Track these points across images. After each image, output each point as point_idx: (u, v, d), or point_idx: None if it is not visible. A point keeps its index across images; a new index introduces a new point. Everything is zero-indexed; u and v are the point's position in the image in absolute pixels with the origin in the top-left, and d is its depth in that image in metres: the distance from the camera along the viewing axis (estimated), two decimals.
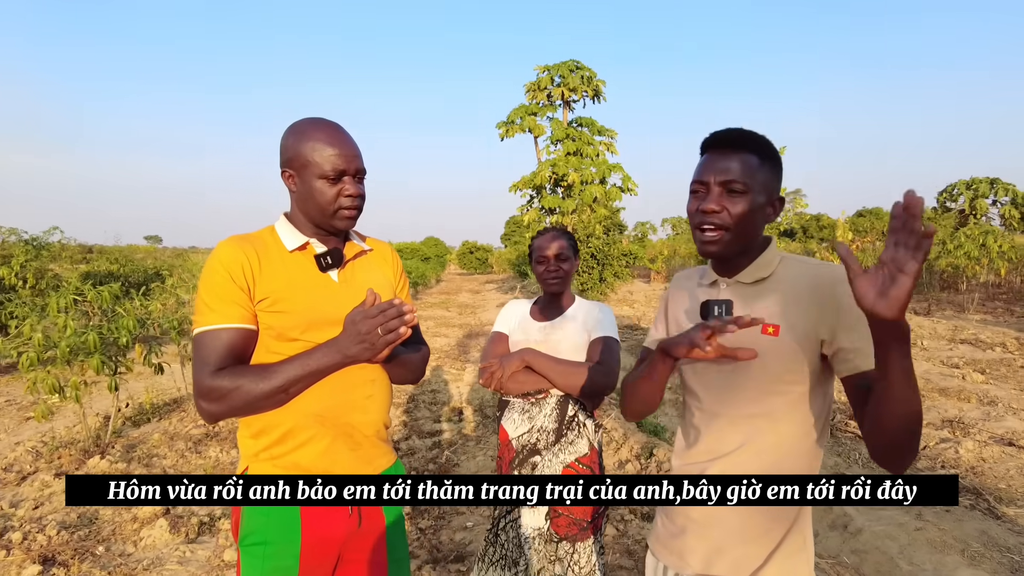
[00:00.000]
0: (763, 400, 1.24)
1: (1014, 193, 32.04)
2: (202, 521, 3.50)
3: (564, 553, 2.01)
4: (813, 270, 1.24)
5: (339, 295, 1.47)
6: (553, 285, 2.13)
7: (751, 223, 1.23)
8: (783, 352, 1.21)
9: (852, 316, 1.16)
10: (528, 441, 2.07)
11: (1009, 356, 8.23)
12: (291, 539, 1.39)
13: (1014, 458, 4.46)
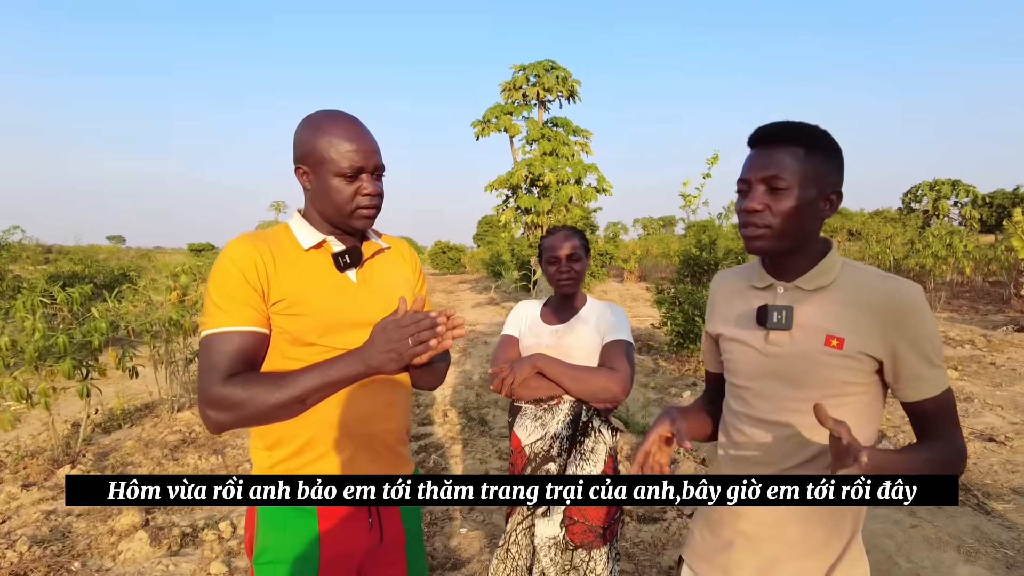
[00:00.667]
0: None
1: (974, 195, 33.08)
2: (184, 532, 3.36)
3: (580, 561, 1.95)
4: (883, 284, 1.16)
5: (358, 296, 1.38)
6: (565, 286, 2.05)
7: (799, 220, 1.16)
8: (846, 365, 1.16)
9: (914, 344, 1.13)
10: (542, 448, 2.00)
11: (979, 353, 8.42)
12: (309, 556, 1.30)
13: (996, 453, 4.53)
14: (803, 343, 1.19)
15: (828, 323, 1.17)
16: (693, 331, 7.42)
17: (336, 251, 1.38)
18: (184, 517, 3.61)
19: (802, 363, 1.19)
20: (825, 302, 1.19)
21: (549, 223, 18.97)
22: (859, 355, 1.14)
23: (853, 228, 28.60)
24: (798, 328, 1.20)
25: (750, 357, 1.28)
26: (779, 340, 1.22)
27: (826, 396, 1.17)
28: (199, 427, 5.31)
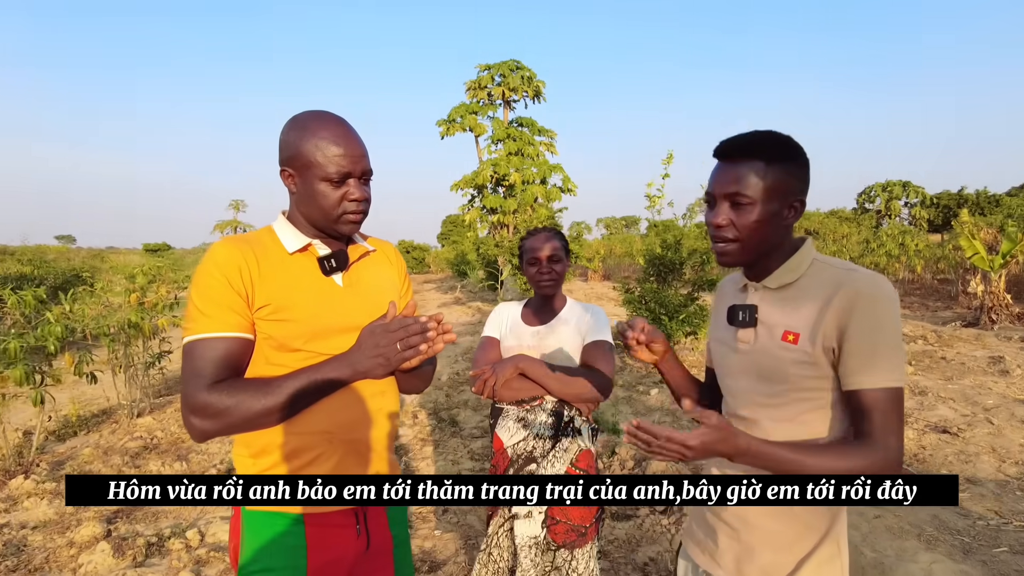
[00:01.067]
0: (789, 406, 1.21)
1: (923, 195, 34.31)
2: (150, 542, 3.25)
3: (562, 561, 1.95)
4: (840, 276, 1.17)
5: (344, 301, 1.35)
6: (546, 287, 2.06)
7: (763, 232, 1.19)
8: (803, 360, 1.17)
9: (856, 329, 1.12)
10: (524, 449, 2.00)
11: (931, 348, 8.74)
12: (296, 564, 1.28)
13: (950, 444, 4.71)
14: (765, 339, 1.23)
15: (787, 319, 1.21)
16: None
17: (322, 255, 1.35)
18: (148, 526, 3.50)
19: (765, 359, 1.23)
20: (788, 299, 1.23)
21: (515, 223, 18.99)
22: (814, 348, 1.16)
23: (811, 228, 29.39)
24: (761, 325, 1.25)
25: (726, 354, 1.34)
26: (746, 337, 1.27)
27: (787, 391, 1.20)
28: (161, 432, 5.16)
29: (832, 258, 1.25)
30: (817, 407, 1.19)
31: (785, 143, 1.19)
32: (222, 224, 42.75)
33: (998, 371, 7.23)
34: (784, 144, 1.19)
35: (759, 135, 1.19)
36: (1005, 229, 11.17)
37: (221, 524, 3.44)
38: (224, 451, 4.75)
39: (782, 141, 1.19)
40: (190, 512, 3.67)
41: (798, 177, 1.20)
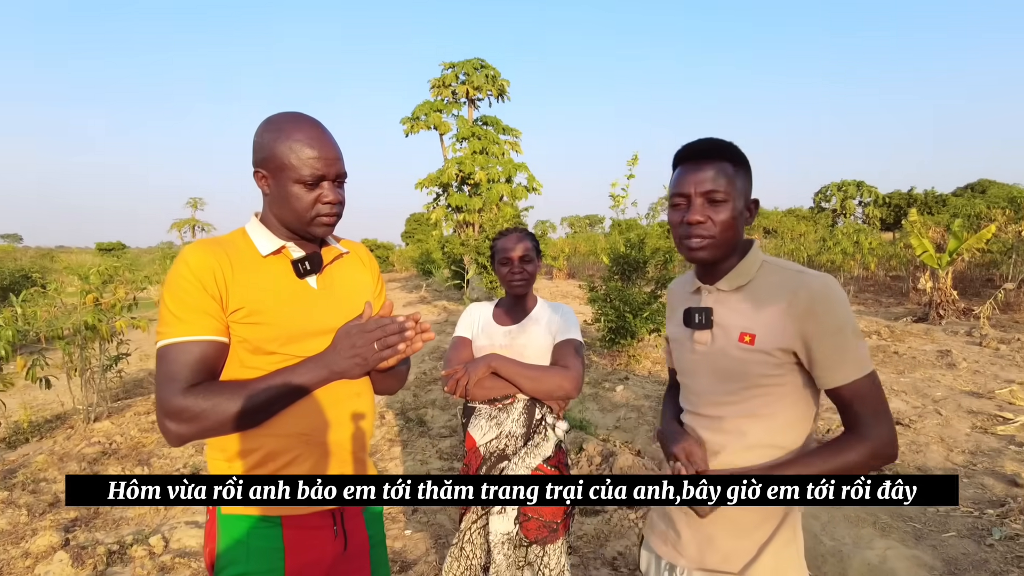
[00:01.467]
0: (748, 401, 1.28)
1: (876, 195, 35.42)
2: (111, 550, 3.17)
3: (534, 557, 1.99)
4: (793, 280, 1.24)
5: (319, 303, 1.35)
6: (518, 287, 2.08)
7: (734, 229, 1.27)
8: (760, 360, 1.24)
9: (821, 332, 1.19)
10: (496, 447, 2.02)
11: (884, 343, 9.06)
12: (274, 567, 1.27)
13: (903, 435, 4.90)
14: (721, 341, 1.29)
15: (742, 321, 1.27)
16: (624, 327, 7.63)
17: (296, 257, 1.35)
18: (109, 533, 3.42)
19: (721, 359, 1.29)
20: (742, 301, 1.29)
21: (480, 222, 18.99)
22: (771, 349, 1.22)
23: (769, 226, 30.09)
24: (717, 327, 1.31)
25: (684, 354, 1.40)
26: (702, 339, 1.33)
27: (747, 388, 1.27)
28: (120, 437, 5.03)
29: (780, 260, 1.33)
30: (776, 399, 1.26)
31: (739, 150, 1.29)
32: (180, 222, 41.77)
33: (946, 364, 7.53)
34: (739, 151, 1.29)
35: (721, 141, 1.29)
36: (951, 228, 11.63)
37: (186, 529, 3.38)
38: (188, 455, 4.66)
39: (737, 147, 1.29)
40: (153, 517, 3.59)
41: (750, 180, 1.30)
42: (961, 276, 14.73)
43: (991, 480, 4.01)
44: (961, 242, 11.21)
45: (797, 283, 1.22)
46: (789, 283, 1.23)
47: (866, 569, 2.98)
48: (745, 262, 1.31)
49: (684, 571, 1.36)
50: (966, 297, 12.93)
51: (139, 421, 5.52)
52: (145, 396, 6.52)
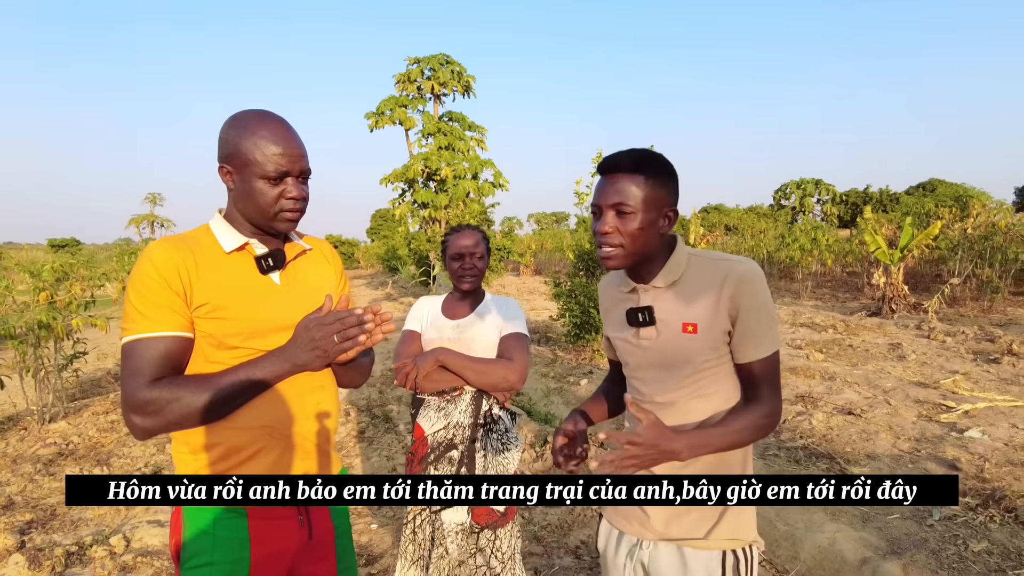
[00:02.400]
0: (694, 384, 1.38)
1: (833, 193, 36.41)
2: (69, 552, 3.13)
3: (486, 542, 2.06)
4: (719, 267, 1.35)
5: (282, 299, 1.38)
6: (468, 283, 2.14)
7: (644, 238, 1.34)
8: (704, 345, 1.34)
9: (746, 312, 1.31)
10: (444, 437, 2.08)
11: (839, 336, 9.37)
12: (240, 557, 1.30)
13: (854, 424, 5.10)
14: (666, 334, 1.38)
15: (683, 313, 1.37)
16: (589, 322, 7.74)
17: (259, 254, 1.37)
18: (67, 535, 3.37)
19: (669, 351, 1.39)
20: (678, 295, 1.39)
21: (447, 218, 18.96)
22: (712, 332, 1.33)
23: (730, 223, 30.72)
24: (660, 322, 1.39)
25: (631, 351, 1.47)
26: (648, 335, 1.42)
27: (695, 372, 1.37)
28: (77, 438, 4.93)
29: (704, 251, 1.43)
30: (715, 378, 1.37)
31: (660, 160, 1.36)
32: (138, 218, 40.62)
33: (896, 356, 7.84)
34: (659, 161, 1.36)
35: (637, 152, 1.34)
36: (902, 226, 12.07)
37: (148, 528, 3.35)
38: (148, 454, 4.59)
39: (657, 159, 1.36)
40: (113, 517, 3.54)
41: (671, 190, 1.36)
42: (912, 272, 15.28)
43: (933, 465, 4.21)
44: (911, 239, 11.63)
45: (725, 269, 1.34)
46: (718, 270, 1.35)
47: (817, 551, 3.12)
48: (673, 259, 1.40)
49: (650, 544, 1.44)
50: (917, 292, 13.42)
51: (97, 421, 5.41)
52: (103, 396, 6.38)
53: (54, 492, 3.91)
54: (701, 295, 1.35)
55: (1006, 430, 4.86)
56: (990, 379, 6.58)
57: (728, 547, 1.37)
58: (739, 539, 1.38)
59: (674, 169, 1.38)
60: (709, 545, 1.37)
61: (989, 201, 15.08)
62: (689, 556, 1.38)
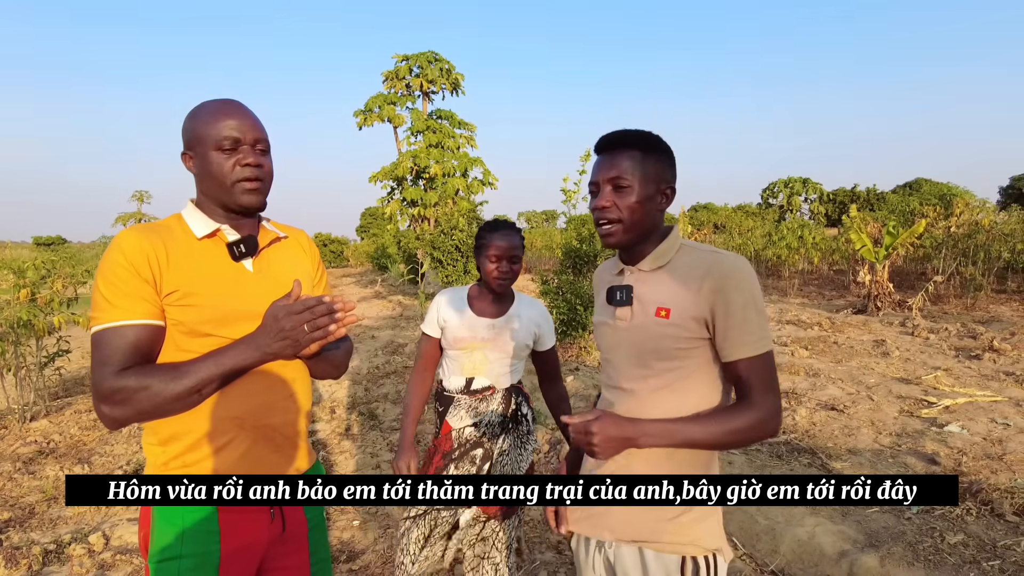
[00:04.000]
0: (662, 375, 1.35)
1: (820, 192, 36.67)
2: (47, 550, 3.10)
3: (490, 532, 2.09)
4: (708, 258, 1.33)
5: (254, 286, 1.38)
6: (502, 285, 2.09)
7: (641, 213, 1.34)
8: (675, 333, 1.32)
9: (728, 307, 1.27)
10: (473, 435, 2.09)
11: (825, 334, 9.43)
12: (209, 550, 1.30)
13: (837, 420, 5.15)
14: (640, 316, 1.38)
15: (660, 297, 1.35)
16: (576, 319, 7.76)
17: (231, 240, 1.37)
18: (45, 533, 3.34)
19: (640, 333, 1.37)
20: (660, 280, 1.38)
21: (436, 216, 18.91)
22: (685, 320, 1.31)
23: (719, 222, 30.84)
24: (637, 303, 1.39)
25: (605, 332, 1.48)
26: (623, 315, 1.41)
27: (661, 361, 1.34)
28: (59, 436, 4.88)
29: (697, 243, 1.41)
30: (687, 374, 1.34)
31: (655, 138, 1.37)
32: (125, 216, 40.23)
33: (880, 353, 7.90)
34: (656, 138, 1.37)
35: (633, 131, 1.36)
36: (887, 224, 12.16)
37: (128, 526, 3.33)
38: (131, 451, 4.56)
39: (652, 136, 1.37)
40: (93, 515, 3.52)
41: (667, 167, 1.37)
42: (897, 270, 15.40)
43: (913, 459, 4.25)
44: (896, 238, 11.73)
45: (711, 261, 1.32)
46: (703, 261, 1.33)
47: (796, 544, 3.14)
48: (664, 244, 1.40)
49: (611, 545, 1.42)
50: (901, 290, 13.53)
51: (80, 419, 5.37)
52: (86, 394, 6.33)
53: (33, 491, 3.88)
54: (682, 283, 1.34)
55: (984, 424, 4.92)
56: (971, 375, 6.65)
57: (688, 552, 1.34)
58: (700, 545, 1.35)
59: (670, 148, 1.38)
60: (665, 548, 1.35)
61: (973, 200, 15.23)
62: (649, 559, 1.36)
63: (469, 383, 2.12)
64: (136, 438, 4.82)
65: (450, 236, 15.00)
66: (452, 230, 15.12)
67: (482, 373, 2.12)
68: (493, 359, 2.12)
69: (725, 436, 1.27)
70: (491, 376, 2.12)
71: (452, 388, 2.15)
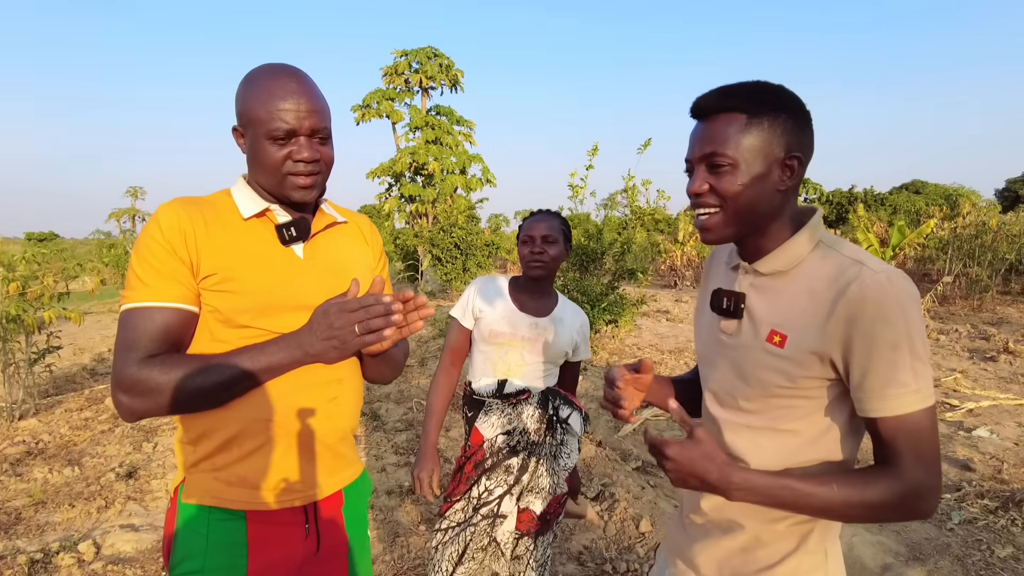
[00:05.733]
0: (769, 412, 1.06)
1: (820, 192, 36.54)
2: (33, 559, 2.89)
3: (524, 550, 1.92)
4: (849, 270, 0.98)
5: (303, 274, 1.21)
6: (536, 268, 1.89)
7: (750, 197, 1.02)
8: (785, 368, 1.02)
9: (869, 345, 0.94)
10: (506, 443, 1.91)
11: None
12: (235, 564, 1.14)
13: None
14: (748, 336, 1.07)
15: (775, 316, 1.04)
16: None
17: (280, 222, 1.20)
18: (32, 541, 3.13)
19: (744, 357, 1.08)
20: (780, 290, 1.05)
21: (434, 213, 18.73)
22: (802, 355, 0.99)
23: None
24: (747, 319, 1.09)
25: (706, 342, 1.20)
26: (729, 328, 1.12)
27: (771, 397, 1.05)
28: (48, 436, 4.66)
29: (842, 240, 1.06)
30: (801, 415, 1.04)
31: (772, 91, 1.03)
32: (119, 212, 39.88)
33: None
34: (770, 93, 1.02)
35: (738, 85, 1.04)
36: (894, 224, 12.03)
37: (121, 534, 3.12)
38: (124, 452, 4.34)
39: (767, 89, 1.03)
40: (83, 521, 3.31)
41: (789, 129, 1.01)
42: (903, 270, 15.28)
43: (946, 466, 4.08)
44: (904, 237, 11.60)
45: (852, 275, 0.96)
46: (842, 274, 0.98)
47: None
48: (793, 241, 1.04)
49: None
50: None
51: (70, 418, 5.15)
52: (78, 392, 6.10)
53: (20, 494, 3.65)
54: (808, 300, 1.00)
55: (1013, 429, 4.77)
56: (989, 377, 6.50)
57: None
58: None
59: (793, 100, 1.03)
60: None
61: (979, 200, 15.14)
62: None
63: (502, 385, 1.93)
64: (129, 438, 4.61)
65: (449, 233, 14.84)
66: (451, 227, 14.96)
67: (517, 375, 1.92)
68: (530, 361, 1.93)
69: (849, 509, 0.96)
70: (527, 379, 1.93)
71: (483, 391, 1.94)
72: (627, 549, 3.07)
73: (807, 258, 1.04)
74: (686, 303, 13.48)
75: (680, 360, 7.40)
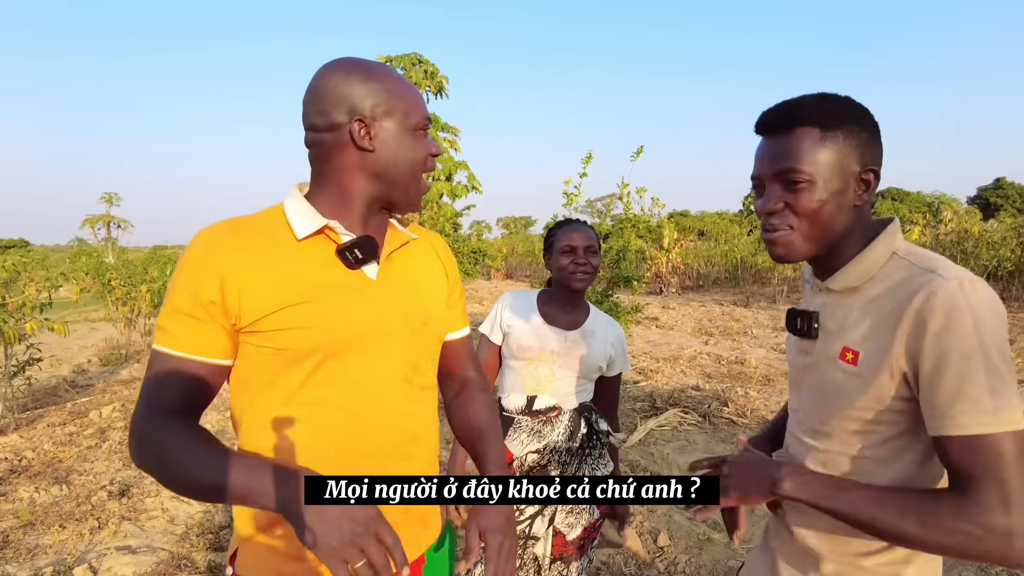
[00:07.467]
0: (846, 439, 1.01)
1: None
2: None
3: (557, 574, 1.85)
4: (920, 278, 0.92)
5: (379, 299, 1.04)
6: (580, 281, 1.80)
7: (826, 216, 0.98)
8: (860, 386, 0.96)
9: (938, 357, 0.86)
10: (537, 462, 1.83)
11: None
12: None
13: None
14: (823, 354, 1.03)
15: (848, 332, 1.00)
16: None
17: (344, 242, 1.02)
18: (23, 566, 2.96)
19: (821, 377, 1.04)
20: (853, 306, 1.01)
21: (419, 220, 18.59)
22: (876, 372, 0.94)
23: (704, 228, 30.94)
24: (823, 336, 1.05)
25: (792, 359, 1.16)
26: (807, 348, 1.08)
27: (846, 420, 0.99)
28: (31, 452, 4.47)
29: (917, 249, 1.00)
30: (881, 440, 0.98)
31: (843, 103, 0.99)
32: (93, 219, 39.14)
33: None
34: (841, 106, 0.99)
35: (810, 98, 1.00)
36: None
37: (118, 556, 2.97)
38: (114, 469, 4.17)
39: (839, 101, 1.00)
40: (76, 543, 3.15)
41: (864, 143, 0.98)
42: None
43: None
44: None
45: (920, 283, 0.91)
46: (913, 283, 0.92)
47: None
48: (866, 254, 1.00)
49: None
50: None
51: (53, 433, 4.95)
52: (60, 405, 5.89)
53: (6, 515, 3.47)
54: (880, 313, 0.96)
55: None
56: None
57: None
58: None
59: (864, 112, 1.00)
60: None
61: (960, 208, 15.40)
62: None
63: (531, 402, 1.85)
64: (118, 454, 4.43)
65: None
66: None
67: (547, 391, 1.85)
68: (561, 376, 1.85)
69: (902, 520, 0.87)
70: (557, 395, 1.85)
71: (512, 408, 1.87)
72: (646, 565, 2.99)
73: (880, 272, 1.00)
74: (673, 310, 13.50)
75: (676, 368, 7.36)
